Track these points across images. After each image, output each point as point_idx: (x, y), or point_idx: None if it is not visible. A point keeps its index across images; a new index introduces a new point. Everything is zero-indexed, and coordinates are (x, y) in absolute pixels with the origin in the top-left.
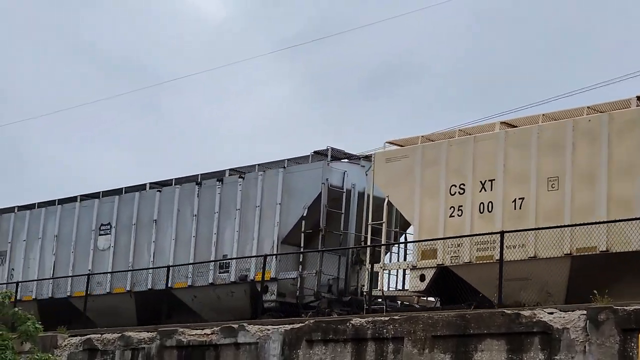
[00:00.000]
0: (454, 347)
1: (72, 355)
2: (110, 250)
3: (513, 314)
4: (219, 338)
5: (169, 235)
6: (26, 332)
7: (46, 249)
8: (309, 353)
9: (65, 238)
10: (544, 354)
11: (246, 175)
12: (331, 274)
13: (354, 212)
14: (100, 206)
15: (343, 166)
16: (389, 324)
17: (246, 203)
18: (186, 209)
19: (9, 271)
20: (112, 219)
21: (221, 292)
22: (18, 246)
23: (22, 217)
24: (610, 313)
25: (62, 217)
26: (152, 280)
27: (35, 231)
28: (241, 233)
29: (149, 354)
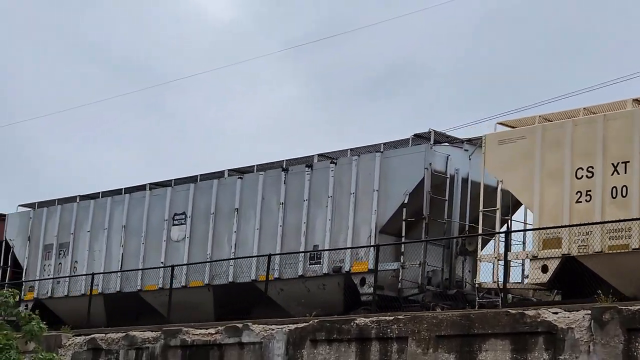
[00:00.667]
0: (458, 347)
1: (76, 354)
2: (186, 241)
3: (517, 314)
4: (223, 337)
5: (252, 225)
6: (30, 332)
7: (113, 240)
8: (313, 353)
9: (135, 228)
10: (548, 354)
11: (338, 160)
12: (436, 266)
13: (457, 199)
14: (174, 195)
15: (446, 150)
16: (393, 324)
17: (339, 190)
18: (271, 197)
19: (72, 264)
20: (187, 208)
21: (311, 285)
22: (81, 237)
23: (86, 207)
24: (615, 313)
25: (131, 206)
26: (234, 273)
27: (101, 222)
28: (334, 222)
29: (153, 353)
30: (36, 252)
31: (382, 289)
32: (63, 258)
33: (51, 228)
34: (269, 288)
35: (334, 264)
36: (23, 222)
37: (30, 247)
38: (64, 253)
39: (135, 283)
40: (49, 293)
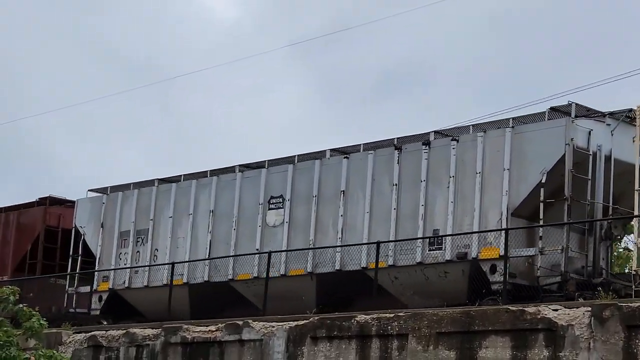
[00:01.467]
0: (459, 343)
1: (77, 351)
2: (284, 226)
3: (518, 311)
4: (223, 335)
5: (361, 208)
6: (31, 329)
7: (199, 226)
8: (313, 350)
9: (224, 213)
10: (548, 351)
11: (461, 137)
12: (578, 251)
13: (600, 178)
14: (269, 177)
15: (587, 124)
16: (393, 321)
17: (462, 169)
18: (383, 178)
19: (152, 252)
20: (284, 190)
21: (431, 273)
22: (162, 223)
23: (166, 191)
24: (615, 310)
25: (219, 189)
26: (341, 260)
27: (185, 206)
28: (457, 204)
29: (153, 350)
30: (110, 239)
31: (514, 277)
32: (141, 246)
33: (127, 214)
34: (381, 276)
35: (458, 249)
36: (95, 207)
37: (103, 234)
38: (142, 240)
39: (225, 272)
40: (126, 283)
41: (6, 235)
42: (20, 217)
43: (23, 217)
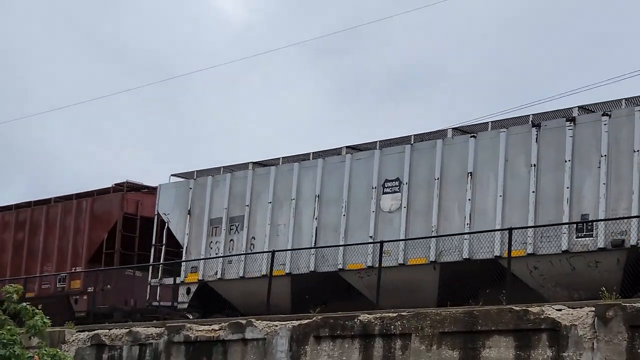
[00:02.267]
0: (462, 343)
1: (80, 350)
2: (401, 211)
3: (521, 311)
4: (226, 334)
5: (492, 191)
6: (34, 327)
7: (303, 212)
8: (316, 349)
9: (332, 198)
10: (551, 351)
11: (614, 112)
12: None
13: None
14: (383, 158)
15: None
16: (396, 320)
17: (615, 147)
18: (518, 158)
19: (248, 240)
20: (401, 173)
21: (578, 262)
22: (260, 210)
23: (264, 175)
24: (619, 310)
25: (326, 172)
26: (469, 248)
27: (286, 191)
28: (610, 186)
29: (156, 349)
30: (199, 227)
31: None
32: (235, 234)
33: (219, 200)
34: (518, 266)
35: (613, 236)
36: (181, 193)
37: (191, 221)
38: (236, 228)
39: (334, 261)
40: (219, 274)
41: (79, 223)
42: (95, 204)
43: (98, 204)
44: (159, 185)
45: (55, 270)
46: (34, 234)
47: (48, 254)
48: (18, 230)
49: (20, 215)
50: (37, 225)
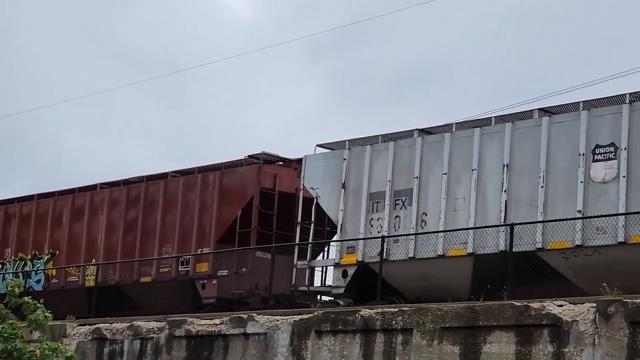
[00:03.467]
0: (463, 338)
1: (81, 344)
2: (619, 181)
3: (522, 306)
4: (227, 328)
5: None
6: (35, 321)
7: (488, 183)
8: (317, 344)
9: (525, 167)
10: (553, 346)
11: None
12: None
13: None
14: (591, 121)
15: None
16: (397, 315)
17: None
18: None
19: (419, 216)
20: (617, 136)
21: None
22: (432, 182)
23: (436, 142)
24: (620, 306)
25: (515, 138)
26: None
27: (464, 160)
28: None
29: (157, 343)
30: (357, 202)
31: None
32: (402, 209)
33: (380, 171)
34: None
35: None
36: (332, 165)
37: (345, 196)
38: (403, 203)
39: (531, 239)
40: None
41: (205, 199)
42: (225, 177)
43: (229, 177)
44: (305, 157)
45: (176, 252)
46: (149, 212)
47: (167, 233)
48: (130, 208)
49: (131, 192)
50: (153, 203)
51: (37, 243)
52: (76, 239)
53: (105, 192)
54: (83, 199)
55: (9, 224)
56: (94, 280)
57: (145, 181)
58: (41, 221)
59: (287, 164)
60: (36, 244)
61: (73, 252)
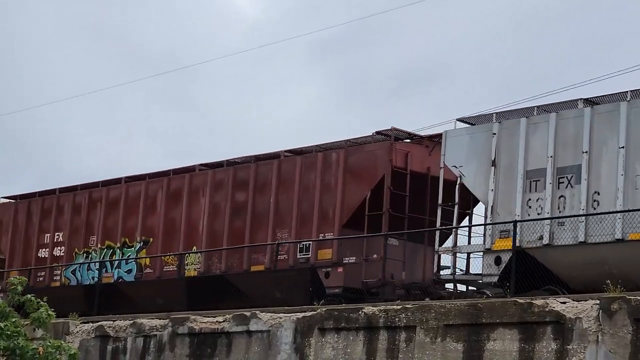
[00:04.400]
0: (467, 336)
1: (84, 342)
2: None
3: (525, 304)
4: (230, 326)
5: None
6: (38, 319)
7: None
8: (321, 341)
9: None
10: (556, 344)
11: None
12: None
13: None
14: None
15: None
16: (400, 313)
17: None
18: None
19: (589, 196)
20: None
21: None
22: (606, 157)
23: (609, 113)
24: (623, 303)
25: None
26: None
27: None
28: None
29: (160, 341)
30: (510, 181)
31: None
32: (568, 188)
33: (539, 146)
34: None
35: None
36: (478, 141)
37: (497, 175)
38: (568, 181)
39: None
40: (545, 239)
41: (327, 180)
42: (351, 156)
43: (355, 156)
44: (445, 132)
45: (293, 238)
46: (260, 194)
47: (282, 217)
48: (237, 190)
49: (239, 173)
50: (265, 184)
51: (127, 230)
52: (173, 225)
53: (208, 174)
54: (180, 182)
55: (93, 209)
56: (196, 270)
57: (254, 162)
58: (131, 206)
59: (417, 141)
60: (126, 231)
61: (169, 240)
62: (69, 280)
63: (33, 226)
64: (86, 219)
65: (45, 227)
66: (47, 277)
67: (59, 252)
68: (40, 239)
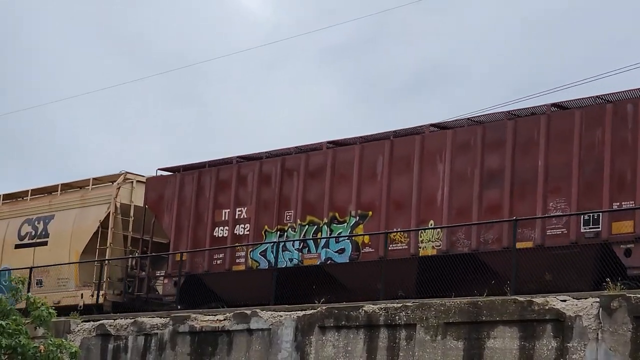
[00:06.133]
0: (467, 334)
1: (85, 340)
2: None
3: (525, 301)
4: (231, 324)
5: None
6: (40, 318)
7: None
8: (321, 339)
9: None
10: (556, 342)
11: None
12: None
13: None
14: None
15: None
16: (401, 311)
17: None
18: None
19: None
20: None
21: None
22: None
23: None
24: (623, 301)
25: None
26: None
27: None
28: None
29: (161, 339)
30: None
31: None
32: None
33: None
34: None
35: None
36: None
37: None
38: None
39: None
40: None
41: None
42: None
43: None
44: None
45: (575, 209)
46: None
47: (555, 184)
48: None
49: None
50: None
51: (336, 203)
52: (400, 196)
53: (446, 134)
54: (407, 145)
55: (288, 179)
56: (435, 247)
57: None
58: (341, 175)
59: None
60: (335, 205)
61: (395, 214)
62: (257, 262)
63: (206, 201)
64: (279, 192)
65: (222, 202)
66: (228, 260)
67: (242, 230)
68: (217, 215)
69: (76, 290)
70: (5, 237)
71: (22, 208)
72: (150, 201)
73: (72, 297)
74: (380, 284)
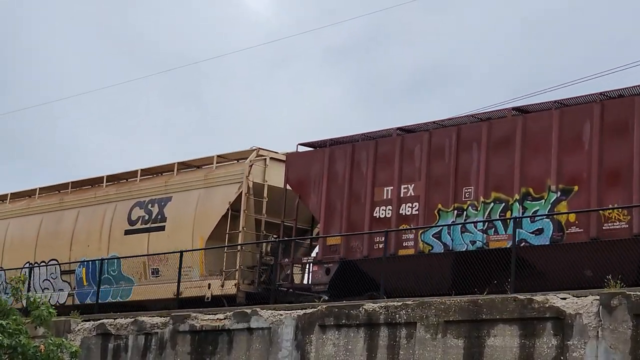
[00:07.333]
0: (467, 332)
1: (86, 339)
2: None
3: (526, 299)
4: (231, 323)
5: None
6: (40, 317)
7: None
8: (322, 338)
9: None
10: (556, 339)
11: None
12: None
13: None
14: None
15: None
16: (401, 309)
17: None
18: None
19: None
20: None
21: None
22: None
23: None
24: (623, 298)
25: None
26: None
27: None
28: None
29: (162, 338)
30: None
31: None
32: None
33: None
34: None
35: None
36: None
37: None
38: None
39: None
40: None
41: None
42: None
43: None
44: None
45: None
46: None
47: None
48: None
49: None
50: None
51: (529, 176)
52: (616, 166)
53: None
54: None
55: (467, 151)
56: None
57: None
58: (535, 145)
59: None
60: (528, 179)
61: (610, 188)
62: (431, 246)
63: (362, 178)
64: (455, 166)
65: (383, 179)
66: (393, 243)
67: (409, 210)
68: (377, 194)
69: (201, 279)
70: (112, 223)
71: (130, 190)
72: (293, 180)
73: (197, 288)
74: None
